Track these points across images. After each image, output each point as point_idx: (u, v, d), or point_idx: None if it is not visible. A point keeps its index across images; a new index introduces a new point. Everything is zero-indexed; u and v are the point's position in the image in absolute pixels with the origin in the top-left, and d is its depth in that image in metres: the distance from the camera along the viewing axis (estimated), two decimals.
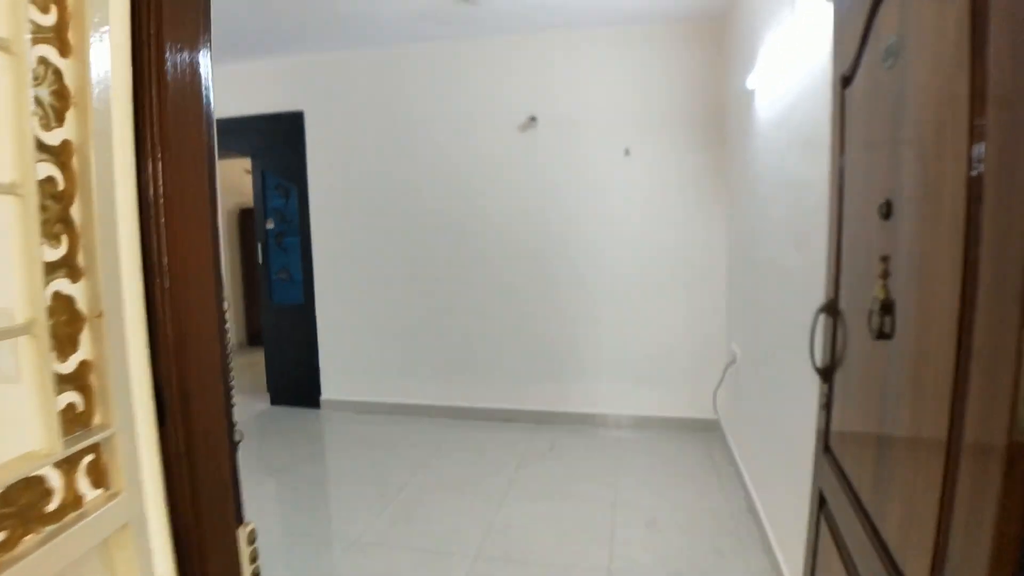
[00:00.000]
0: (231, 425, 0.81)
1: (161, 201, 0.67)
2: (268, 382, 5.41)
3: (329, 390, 5.19)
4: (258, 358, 5.67)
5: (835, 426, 1.54)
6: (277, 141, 5.06)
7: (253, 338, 7.81)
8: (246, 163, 5.56)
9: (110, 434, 0.63)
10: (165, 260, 0.67)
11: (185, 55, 0.70)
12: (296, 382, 5.25)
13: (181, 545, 0.73)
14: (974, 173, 0.86)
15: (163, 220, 0.66)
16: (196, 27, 0.71)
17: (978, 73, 0.86)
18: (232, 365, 0.80)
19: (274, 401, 5.37)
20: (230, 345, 0.79)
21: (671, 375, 4.56)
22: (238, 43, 4.57)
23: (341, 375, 5.15)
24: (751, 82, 3.26)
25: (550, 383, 4.74)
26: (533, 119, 4.53)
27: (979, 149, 0.85)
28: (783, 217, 2.68)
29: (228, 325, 0.78)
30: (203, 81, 0.73)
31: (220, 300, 0.76)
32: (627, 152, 4.44)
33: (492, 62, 4.58)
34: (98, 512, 0.61)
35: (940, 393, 0.94)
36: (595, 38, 4.41)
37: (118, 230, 0.62)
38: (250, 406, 5.39)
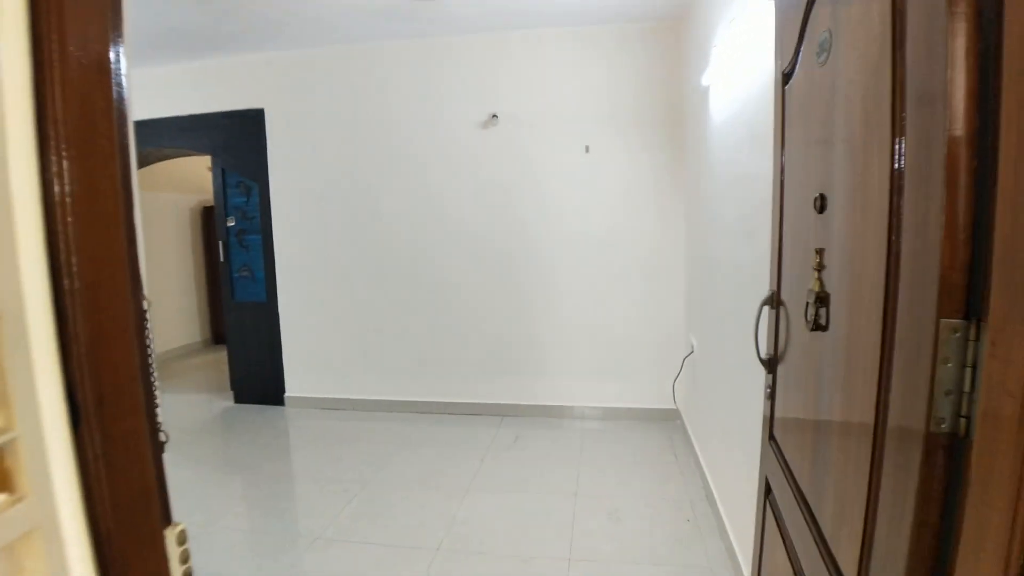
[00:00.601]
0: (155, 426, 0.80)
1: (68, 200, 0.65)
2: (231, 380, 5.33)
3: (293, 387, 5.14)
4: (223, 356, 5.57)
5: (779, 415, 1.57)
6: (238, 138, 4.98)
7: (219, 336, 7.71)
8: (209, 160, 5.46)
9: (13, 437, 0.61)
10: (74, 260, 0.65)
11: (93, 51, 0.67)
12: (260, 380, 5.19)
13: (102, 549, 0.72)
14: (896, 166, 0.88)
15: (70, 220, 0.65)
16: (104, 21, 0.69)
17: (899, 68, 0.88)
18: (155, 366, 0.79)
19: (238, 399, 5.30)
20: (152, 345, 0.78)
21: (633, 366, 4.60)
22: (197, 41, 4.49)
23: (305, 372, 5.11)
24: (706, 80, 3.29)
25: (515, 376, 4.76)
26: (495, 116, 4.52)
27: (900, 143, 0.87)
28: (734, 212, 2.72)
29: (149, 325, 0.77)
30: (115, 77, 0.70)
31: (138, 301, 0.74)
32: (587, 149, 4.47)
33: (454, 61, 4.57)
34: (0, 517, 0.59)
35: (868, 384, 0.96)
36: (556, 38, 4.42)
37: (16, 230, 0.60)
38: (214, 405, 5.32)
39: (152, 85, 5.05)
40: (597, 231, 4.53)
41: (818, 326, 1.19)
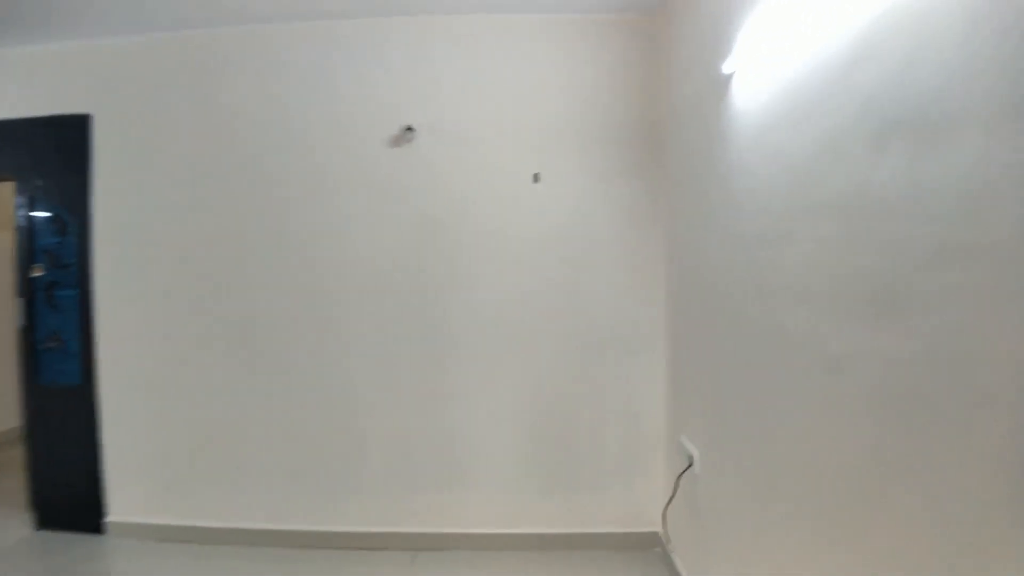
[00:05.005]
0: None
1: None
2: (32, 497, 3.76)
3: (118, 509, 3.64)
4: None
5: None
6: (52, 156, 3.59)
7: None
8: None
9: None
10: None
11: None
12: (71, 497, 3.66)
13: None
14: None
15: None
16: None
17: None
18: None
19: (41, 524, 3.74)
20: None
21: (591, 478, 3.43)
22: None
23: (135, 487, 3.62)
24: (728, 66, 2.22)
25: (431, 493, 3.45)
26: (410, 130, 3.35)
27: None
28: (834, 264, 1.57)
29: None
30: None
31: None
32: (536, 178, 3.35)
33: (352, 53, 3.40)
34: None
35: None
36: (494, 28, 3.34)
37: None
38: (5, 532, 3.72)
39: None
40: (545, 288, 3.37)
41: None
